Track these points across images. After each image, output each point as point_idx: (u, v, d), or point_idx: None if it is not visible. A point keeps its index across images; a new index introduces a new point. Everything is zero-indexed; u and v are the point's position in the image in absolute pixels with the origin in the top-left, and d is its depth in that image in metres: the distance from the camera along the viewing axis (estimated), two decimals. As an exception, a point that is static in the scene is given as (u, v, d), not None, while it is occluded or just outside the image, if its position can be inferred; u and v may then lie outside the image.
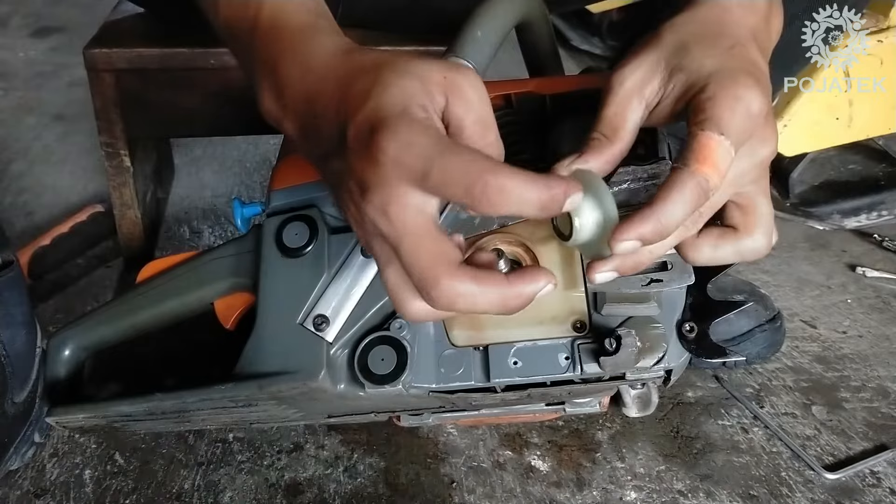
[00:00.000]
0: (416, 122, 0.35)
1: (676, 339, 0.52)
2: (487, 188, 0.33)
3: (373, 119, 0.35)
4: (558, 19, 1.50)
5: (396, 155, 0.34)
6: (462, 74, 0.37)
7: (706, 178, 0.39)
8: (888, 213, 1.02)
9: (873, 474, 0.69)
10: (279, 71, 0.40)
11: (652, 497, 0.67)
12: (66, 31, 1.59)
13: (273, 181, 0.57)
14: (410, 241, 0.35)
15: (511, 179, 0.33)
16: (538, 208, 0.34)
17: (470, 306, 0.35)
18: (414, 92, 0.36)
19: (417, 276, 0.35)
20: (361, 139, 0.35)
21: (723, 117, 0.39)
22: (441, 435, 0.72)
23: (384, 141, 0.34)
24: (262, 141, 1.22)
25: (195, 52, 0.76)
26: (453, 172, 0.33)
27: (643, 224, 0.38)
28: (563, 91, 0.56)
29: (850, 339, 0.85)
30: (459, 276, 0.35)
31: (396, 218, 0.35)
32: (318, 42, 0.40)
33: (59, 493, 0.66)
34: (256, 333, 0.53)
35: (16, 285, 0.63)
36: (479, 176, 0.33)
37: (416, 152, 0.34)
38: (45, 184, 1.09)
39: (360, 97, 0.36)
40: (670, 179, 0.39)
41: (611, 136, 0.43)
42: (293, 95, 0.40)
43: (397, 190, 0.34)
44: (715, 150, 0.39)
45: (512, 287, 0.36)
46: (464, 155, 0.34)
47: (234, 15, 0.43)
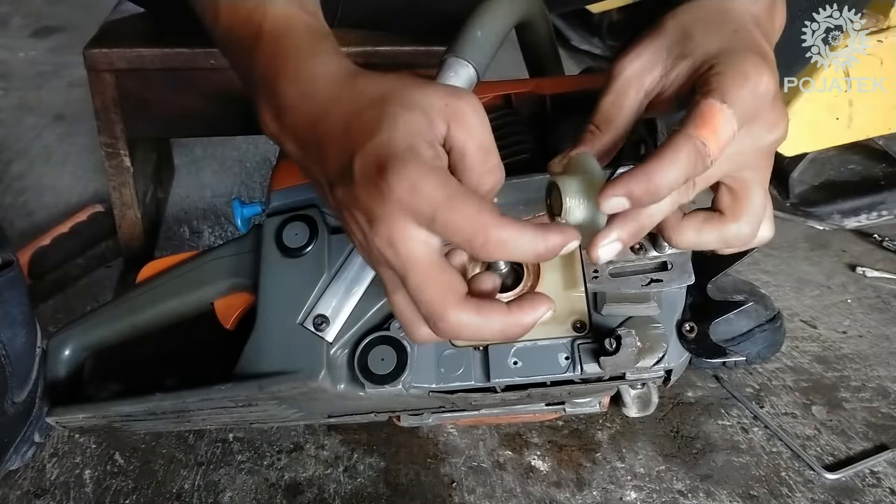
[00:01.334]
0: (424, 163, 0.35)
1: (676, 339, 0.52)
2: (488, 243, 0.35)
3: (381, 155, 0.36)
4: (558, 19, 1.50)
5: (403, 196, 0.35)
6: (464, 101, 0.38)
7: (704, 142, 0.38)
8: (888, 213, 1.02)
9: (873, 474, 0.69)
10: (280, 90, 0.40)
11: (652, 497, 0.67)
12: (66, 31, 1.59)
13: (273, 181, 0.57)
14: (417, 274, 0.36)
15: (510, 233, 0.35)
16: (534, 257, 0.37)
17: (473, 335, 0.37)
18: (420, 128, 0.36)
19: (425, 309, 0.37)
20: (368, 174, 0.36)
21: (728, 90, 0.39)
22: (441, 435, 0.72)
23: (392, 180, 0.35)
24: (262, 141, 1.22)
25: (195, 52, 0.76)
26: (457, 223, 0.35)
27: (633, 181, 0.37)
28: (563, 91, 0.56)
29: (850, 339, 0.85)
30: (464, 308, 0.37)
31: (403, 250, 0.36)
32: (321, 63, 0.40)
33: (59, 493, 0.66)
34: (256, 333, 0.53)
35: (16, 285, 0.63)
36: (482, 230, 0.35)
37: (422, 196, 0.35)
38: (45, 184, 1.09)
39: (367, 130, 0.37)
40: (666, 141, 0.38)
41: (604, 128, 0.44)
42: (294, 118, 0.40)
43: (404, 225, 0.35)
44: (716, 117, 0.38)
45: (512, 317, 0.38)
46: (468, 206, 0.35)
47: (238, 26, 0.43)
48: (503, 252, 0.35)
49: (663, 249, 0.52)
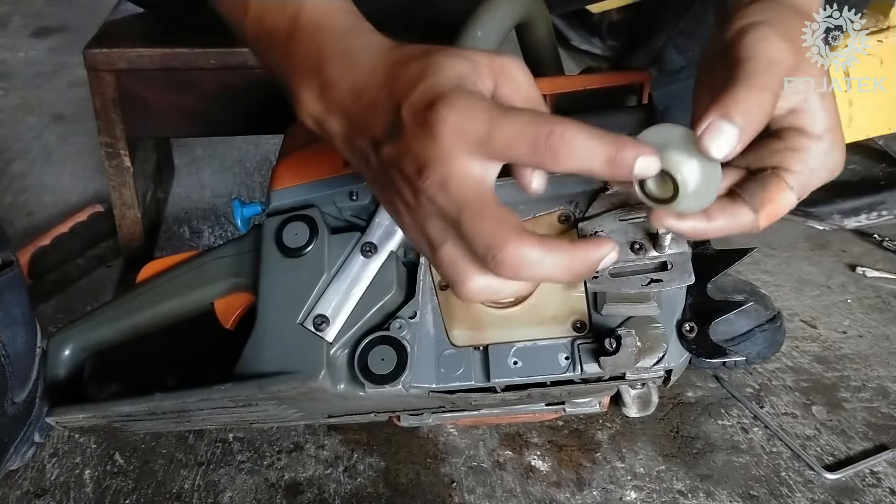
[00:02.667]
0: (473, 92, 0.35)
1: (676, 339, 0.52)
2: (553, 139, 0.33)
3: (430, 94, 0.35)
4: (558, 19, 1.50)
5: (457, 122, 0.34)
6: (508, 58, 0.38)
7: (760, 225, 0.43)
8: (888, 213, 1.02)
9: (873, 474, 0.69)
10: (325, 71, 0.40)
11: (652, 497, 0.67)
12: (66, 31, 1.59)
13: (273, 181, 0.57)
14: (473, 209, 0.34)
15: (579, 131, 0.33)
16: (605, 163, 0.34)
17: (535, 272, 0.35)
18: (466, 71, 0.36)
19: (482, 244, 0.34)
20: (418, 115, 0.35)
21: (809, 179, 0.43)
22: (441, 435, 0.72)
23: (443, 110, 0.34)
24: (262, 141, 1.22)
25: (195, 52, 0.76)
26: (518, 128, 0.33)
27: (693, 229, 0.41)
28: (563, 91, 0.56)
29: (850, 339, 0.85)
30: (526, 241, 0.34)
31: (457, 190, 0.35)
32: (366, 40, 0.41)
33: (59, 493, 0.66)
34: (256, 333, 0.53)
35: (16, 285, 0.63)
36: (546, 127, 0.33)
37: (476, 116, 0.34)
38: (45, 184, 1.09)
39: (414, 78, 0.37)
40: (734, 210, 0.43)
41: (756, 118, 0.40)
42: (340, 92, 0.40)
43: (457, 161, 0.35)
44: (784, 208, 0.44)
45: (578, 251, 0.35)
46: (525, 113, 0.34)
47: (269, 19, 0.43)
48: (572, 153, 0.33)
49: (663, 249, 0.52)
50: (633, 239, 0.52)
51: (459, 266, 0.37)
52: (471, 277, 0.36)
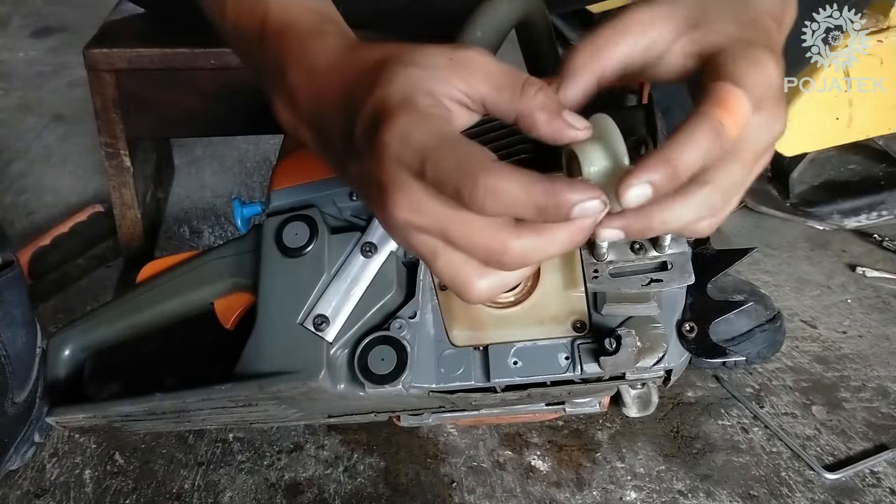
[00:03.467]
0: (417, 110, 0.34)
1: (676, 339, 0.52)
2: (476, 190, 0.31)
3: (376, 111, 0.34)
4: (558, 19, 1.50)
5: (396, 150, 0.33)
6: (465, 50, 0.36)
7: (721, 121, 0.36)
8: (888, 213, 1.02)
9: (873, 474, 0.69)
10: (287, 77, 0.39)
11: (652, 497, 0.67)
12: (66, 31, 1.59)
13: (273, 181, 0.57)
14: (456, 224, 0.33)
15: (506, 181, 0.31)
16: (535, 213, 0.32)
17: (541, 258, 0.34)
18: (417, 80, 0.35)
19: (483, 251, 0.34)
20: (367, 136, 0.34)
21: (744, 76, 0.37)
22: (441, 435, 0.72)
23: (386, 135, 0.33)
24: (262, 141, 1.22)
25: (195, 52, 0.76)
26: (445, 169, 0.32)
27: (653, 167, 0.34)
28: (563, 91, 0.56)
29: (850, 339, 0.85)
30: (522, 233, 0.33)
31: (431, 211, 0.33)
32: (323, 43, 0.40)
33: (59, 493, 0.66)
34: (256, 333, 0.53)
35: (16, 285, 0.63)
36: (470, 175, 0.31)
37: (412, 145, 0.33)
38: (45, 184, 1.09)
39: (366, 90, 0.35)
40: (683, 123, 0.36)
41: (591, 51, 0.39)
42: (303, 101, 0.39)
43: (413, 186, 0.33)
44: (734, 100, 0.36)
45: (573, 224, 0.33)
46: (458, 150, 0.32)
47: (243, 21, 0.42)
48: (497, 203, 0.31)
49: (663, 249, 0.52)
50: (621, 238, 0.52)
51: (459, 275, 0.36)
52: (474, 282, 0.36)
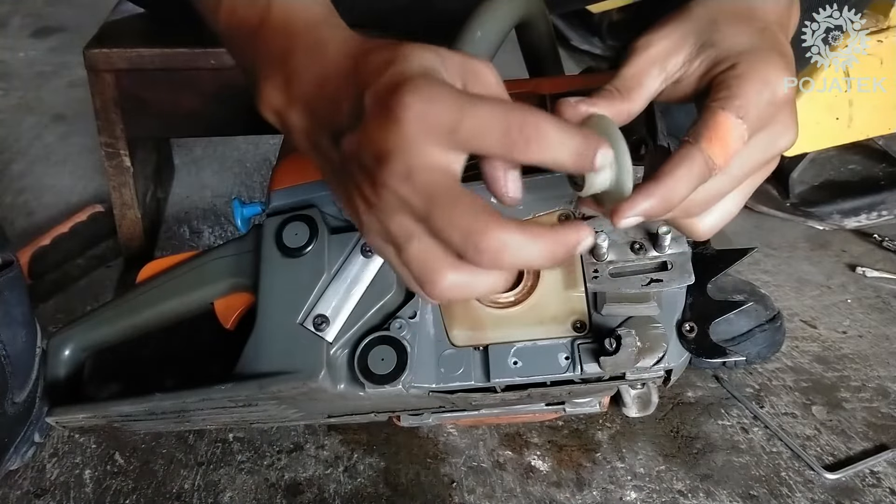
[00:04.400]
0: (440, 80, 0.34)
1: (676, 339, 0.52)
2: (527, 128, 0.32)
3: (395, 79, 0.34)
4: (558, 19, 1.50)
5: (422, 108, 0.32)
6: (478, 60, 0.37)
7: (712, 157, 0.38)
8: (888, 213, 1.02)
9: (873, 474, 0.69)
10: (291, 62, 0.39)
11: (652, 497, 0.67)
12: (66, 31, 1.59)
13: (273, 181, 0.57)
14: (444, 200, 0.33)
15: (552, 122, 0.32)
16: (574, 155, 0.33)
17: (516, 258, 0.33)
18: (434, 62, 0.35)
19: (460, 232, 0.33)
20: (381, 100, 0.34)
21: (746, 99, 0.39)
22: (441, 435, 0.72)
23: (408, 95, 0.33)
24: (262, 141, 1.22)
25: (195, 52, 0.76)
26: (490, 115, 0.32)
27: (649, 199, 0.37)
28: (563, 91, 0.56)
29: (850, 339, 0.85)
30: (506, 226, 0.33)
31: (424, 181, 0.33)
32: (333, 32, 0.40)
33: (59, 493, 0.66)
34: (256, 333, 0.53)
35: (16, 285, 0.63)
36: (520, 116, 0.32)
37: (444, 102, 0.33)
38: (45, 184, 1.09)
39: (380, 66, 0.35)
40: (678, 154, 0.39)
41: (623, 94, 0.42)
42: (304, 83, 0.39)
43: (422, 150, 0.33)
44: (729, 132, 0.39)
45: (558, 235, 0.34)
46: (497, 101, 0.33)
47: (241, 11, 0.43)
48: (544, 143, 0.32)
49: (663, 249, 0.52)
50: (633, 239, 0.52)
51: (430, 263, 0.34)
52: (442, 274, 0.34)
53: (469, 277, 0.35)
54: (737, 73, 0.40)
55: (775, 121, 0.41)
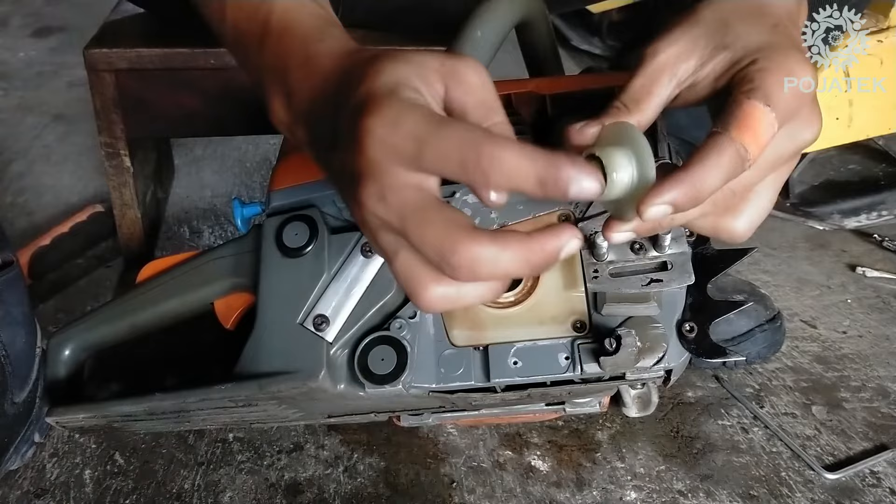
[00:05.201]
0: (404, 101, 0.33)
1: (676, 339, 0.52)
2: (483, 160, 0.31)
3: (361, 101, 0.34)
4: (558, 19, 1.50)
5: (383, 136, 0.32)
6: (461, 60, 0.36)
7: (745, 146, 0.37)
8: (888, 213, 1.02)
9: (873, 474, 0.69)
10: (288, 79, 0.40)
11: (652, 497, 0.67)
12: (66, 31, 1.59)
13: (273, 181, 0.57)
14: (415, 217, 0.32)
15: (509, 151, 0.31)
16: (536, 184, 0.31)
17: (492, 270, 0.32)
18: (406, 75, 0.35)
19: (433, 249, 0.32)
20: (349, 125, 0.34)
21: (772, 89, 0.38)
22: (441, 435, 0.72)
23: (369, 121, 0.33)
24: (262, 141, 1.22)
25: (195, 52, 0.76)
26: (447, 145, 0.31)
27: (677, 188, 0.36)
28: (563, 91, 0.56)
29: (850, 339, 0.85)
30: (477, 239, 0.32)
31: (394, 200, 0.33)
32: (325, 46, 0.40)
33: (59, 493, 0.66)
34: (256, 333, 0.53)
35: (16, 285, 0.63)
36: (475, 146, 0.31)
37: (404, 131, 0.32)
38: (45, 184, 1.09)
39: (354, 84, 0.35)
40: (708, 143, 0.38)
41: (632, 108, 0.42)
42: (300, 101, 0.39)
43: (388, 173, 0.33)
44: (759, 121, 0.38)
45: (534, 242, 0.32)
46: (458, 127, 0.32)
47: (243, 24, 0.43)
48: (502, 173, 0.31)
49: (663, 249, 0.52)
50: (633, 239, 0.52)
51: (415, 276, 0.34)
52: (427, 287, 0.34)
53: (455, 289, 0.34)
54: (759, 66, 0.39)
55: (800, 113, 0.40)
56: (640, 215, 0.36)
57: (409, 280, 0.35)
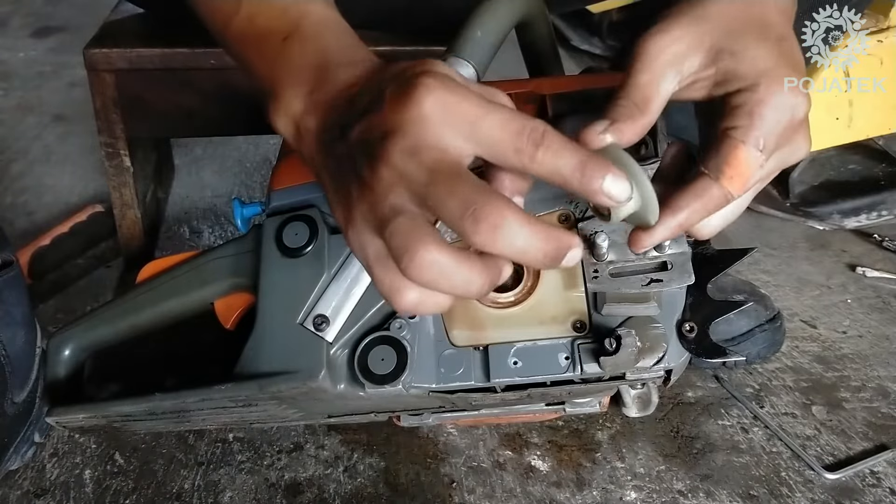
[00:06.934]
0: (461, 82, 0.35)
1: (676, 339, 0.52)
2: (535, 134, 0.33)
3: (419, 72, 0.35)
4: (558, 19, 1.50)
5: (443, 97, 0.33)
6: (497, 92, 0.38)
7: (731, 190, 0.40)
8: (888, 213, 1.02)
9: (873, 474, 0.69)
10: (322, 73, 0.40)
11: (652, 497, 0.67)
12: (66, 31, 1.59)
13: (273, 181, 0.57)
14: (448, 174, 0.33)
15: (558, 134, 0.33)
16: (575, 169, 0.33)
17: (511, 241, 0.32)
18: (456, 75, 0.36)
19: (460, 202, 0.32)
20: (404, 85, 0.34)
21: (767, 129, 0.39)
22: (441, 435, 0.72)
23: (431, 80, 0.34)
24: (262, 141, 1.22)
25: (195, 52, 0.76)
26: (505, 119, 0.33)
27: (665, 230, 0.40)
28: (563, 91, 0.56)
29: (850, 339, 0.85)
30: (510, 204, 0.32)
31: (428, 158, 0.33)
32: (369, 54, 0.42)
33: (59, 493, 0.66)
34: (256, 333, 0.53)
35: (16, 285, 0.63)
36: (530, 123, 0.33)
37: (465, 99, 0.33)
38: (45, 184, 1.09)
39: (409, 65, 0.36)
40: (695, 186, 0.40)
41: (643, 108, 0.41)
42: (332, 88, 0.40)
43: (436, 131, 0.33)
44: (747, 165, 0.39)
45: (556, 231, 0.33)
46: (514, 110, 0.34)
47: (263, 19, 0.43)
48: (548, 153, 0.33)
49: (663, 249, 0.52)
50: None
51: (415, 234, 0.33)
52: (427, 247, 0.33)
53: (450, 260, 0.33)
54: (758, 97, 0.39)
55: (791, 141, 0.41)
56: (632, 250, 0.42)
57: (406, 237, 0.33)
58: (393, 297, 0.35)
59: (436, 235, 0.33)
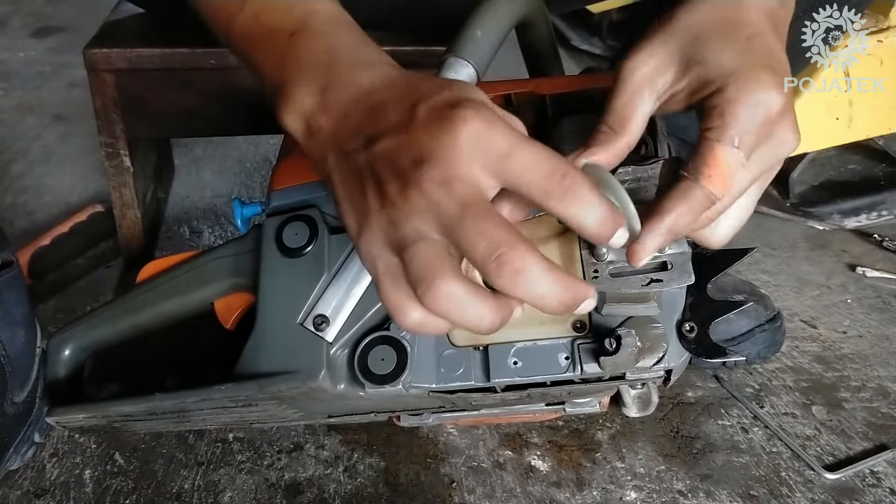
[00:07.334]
0: (497, 114, 0.36)
1: (676, 339, 0.52)
2: (567, 179, 0.34)
3: (456, 98, 0.35)
4: (558, 19, 1.50)
5: (479, 129, 0.34)
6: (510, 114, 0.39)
7: (712, 190, 0.40)
8: (888, 213, 1.02)
9: (873, 474, 0.69)
10: (334, 72, 0.40)
11: (652, 497, 0.67)
12: (66, 31, 1.59)
13: (273, 181, 0.57)
14: (478, 210, 0.34)
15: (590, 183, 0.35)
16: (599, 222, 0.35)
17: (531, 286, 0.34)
18: (486, 101, 0.37)
19: (489, 242, 0.33)
20: (439, 112, 0.35)
21: (740, 127, 0.39)
22: (441, 435, 0.72)
23: (469, 112, 0.34)
24: (262, 141, 1.22)
25: (195, 52, 0.76)
26: (537, 158, 0.34)
27: (655, 237, 0.40)
28: (563, 91, 0.56)
29: (850, 339, 0.85)
30: (534, 252, 0.34)
31: (459, 191, 0.34)
32: (381, 56, 0.42)
33: (59, 493, 0.66)
34: (256, 333, 0.53)
35: (16, 285, 0.63)
36: (563, 166, 0.34)
37: (499, 132, 0.34)
38: (45, 184, 1.09)
39: (439, 87, 0.37)
40: (677, 189, 0.40)
41: (618, 129, 0.43)
42: (347, 91, 0.39)
43: (468, 165, 0.34)
44: (725, 163, 0.40)
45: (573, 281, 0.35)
46: (547, 149, 0.35)
47: (269, 17, 0.43)
48: (578, 199, 0.34)
49: (663, 250, 0.52)
50: None
51: (436, 263, 0.34)
52: (446, 278, 0.34)
53: (467, 294, 0.34)
54: (727, 97, 0.40)
55: (773, 134, 0.41)
56: (633, 265, 0.41)
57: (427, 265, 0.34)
58: (397, 314, 0.36)
59: (456, 268, 0.34)
